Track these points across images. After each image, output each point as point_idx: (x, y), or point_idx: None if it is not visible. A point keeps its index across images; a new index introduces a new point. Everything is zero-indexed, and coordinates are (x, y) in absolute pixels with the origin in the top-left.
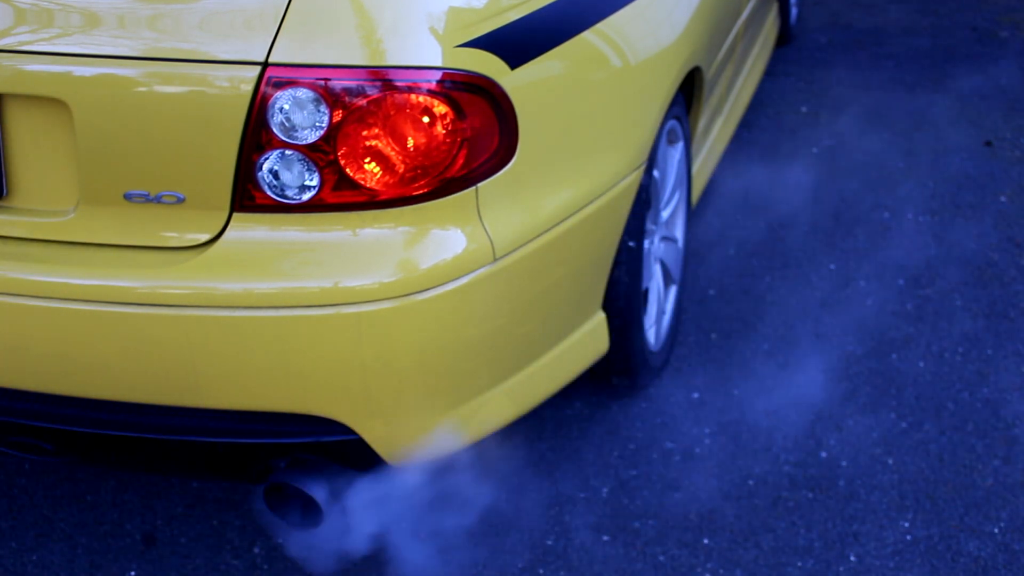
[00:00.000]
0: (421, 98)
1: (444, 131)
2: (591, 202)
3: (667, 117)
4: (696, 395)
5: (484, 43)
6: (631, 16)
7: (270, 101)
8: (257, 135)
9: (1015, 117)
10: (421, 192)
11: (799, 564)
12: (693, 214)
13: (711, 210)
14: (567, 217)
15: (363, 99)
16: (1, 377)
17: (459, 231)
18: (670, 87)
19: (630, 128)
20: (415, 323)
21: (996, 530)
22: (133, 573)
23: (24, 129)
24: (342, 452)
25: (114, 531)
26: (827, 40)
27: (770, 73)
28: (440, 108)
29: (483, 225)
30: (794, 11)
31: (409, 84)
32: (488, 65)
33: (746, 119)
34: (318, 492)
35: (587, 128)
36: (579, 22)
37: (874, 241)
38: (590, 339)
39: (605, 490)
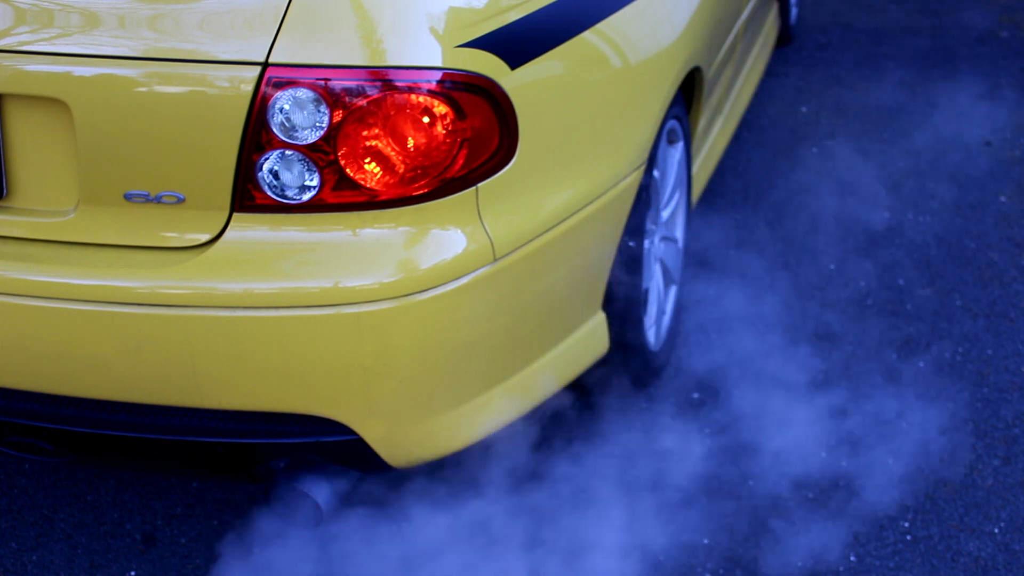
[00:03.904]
0: (421, 98)
1: (444, 131)
2: (591, 202)
3: (667, 117)
4: (696, 395)
5: (484, 43)
6: (631, 16)
7: (270, 101)
8: (257, 135)
9: (1015, 117)
10: (421, 192)
11: (799, 564)
12: (693, 214)
13: (711, 210)
14: (567, 217)
15: (363, 99)
16: (1, 377)
17: (459, 231)
18: (670, 87)
19: (630, 128)
20: (415, 323)
21: (996, 530)
22: (133, 573)
23: (24, 129)
24: (342, 452)
25: (114, 531)
26: (827, 40)
27: (770, 73)
28: (440, 108)
29: (483, 225)
30: (794, 11)
31: (409, 84)
32: (488, 65)
33: (746, 119)
34: (318, 492)
35: (587, 128)
36: (579, 22)
37: (874, 241)
38: (590, 339)
39: (604, 490)
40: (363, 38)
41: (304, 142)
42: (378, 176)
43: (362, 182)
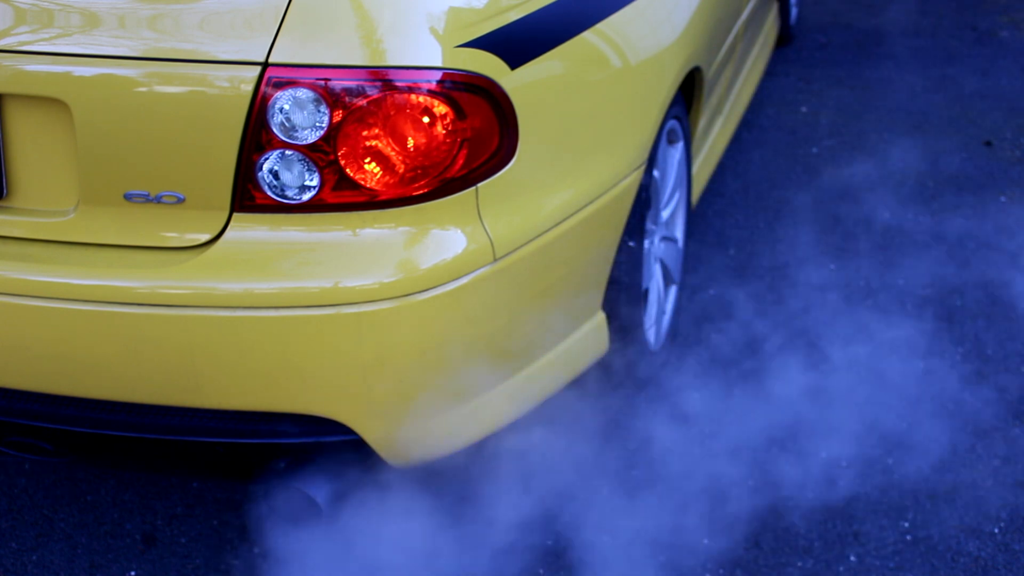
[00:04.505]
0: (421, 98)
1: (444, 131)
2: (591, 202)
3: (667, 117)
4: (696, 395)
5: (484, 43)
6: (631, 16)
7: (270, 101)
8: (257, 135)
9: (1015, 117)
10: (421, 192)
11: (799, 564)
12: (693, 214)
13: (711, 210)
14: (567, 217)
15: (363, 99)
16: (1, 377)
17: (459, 231)
18: (670, 87)
19: (630, 128)
20: (415, 323)
21: (996, 530)
22: (133, 573)
23: (24, 129)
24: (342, 452)
25: (114, 531)
26: (827, 40)
27: (770, 73)
28: (440, 108)
29: (483, 225)
30: (794, 11)
31: (409, 84)
32: (488, 65)
33: (746, 119)
34: (318, 492)
35: (587, 128)
36: (579, 22)
37: (874, 241)
38: (590, 339)
39: (605, 490)
40: (363, 38)
41: (304, 142)
42: (378, 176)
43: (362, 182)
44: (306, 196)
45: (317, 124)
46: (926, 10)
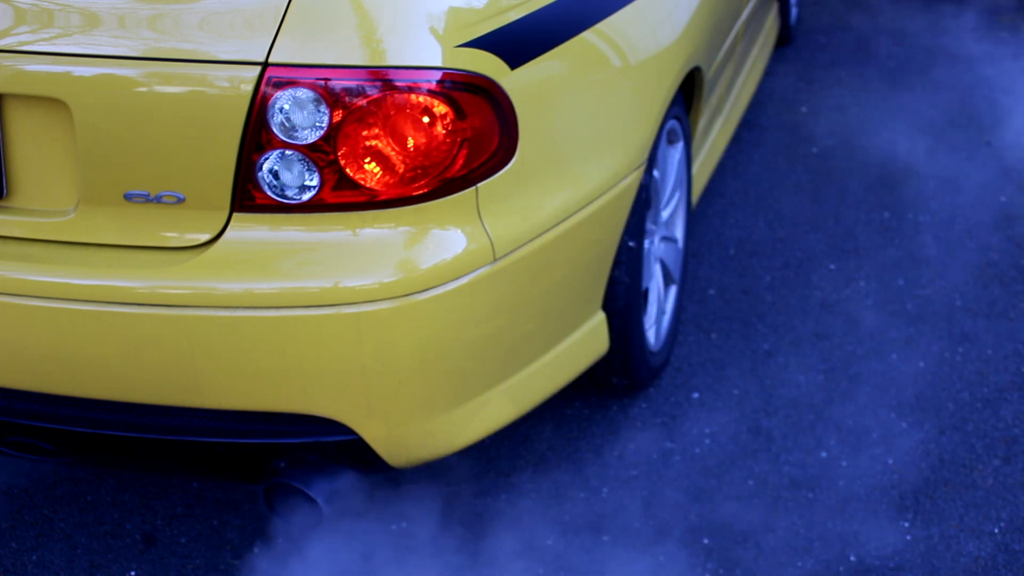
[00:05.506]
0: (421, 98)
1: (444, 131)
2: (591, 202)
3: (667, 117)
4: (696, 395)
5: (484, 43)
6: (631, 16)
7: (270, 101)
8: (257, 135)
9: (1015, 117)
10: (421, 192)
11: (799, 564)
12: (693, 214)
13: (711, 210)
14: (567, 217)
15: (363, 99)
16: (1, 377)
17: (459, 231)
18: (670, 87)
19: (630, 128)
20: (415, 323)
21: (996, 530)
22: (133, 573)
23: (24, 129)
24: (342, 452)
25: (114, 531)
26: (827, 40)
27: (770, 73)
28: (440, 108)
29: (483, 225)
30: (794, 11)
31: (409, 84)
32: (488, 65)
33: (746, 119)
34: (318, 492)
35: (587, 128)
36: (579, 22)
37: (874, 241)
38: (590, 339)
39: (605, 490)
40: (363, 38)
41: (304, 142)
42: (378, 176)
43: (362, 182)
44: (306, 196)
45: (317, 124)
46: (926, 10)
